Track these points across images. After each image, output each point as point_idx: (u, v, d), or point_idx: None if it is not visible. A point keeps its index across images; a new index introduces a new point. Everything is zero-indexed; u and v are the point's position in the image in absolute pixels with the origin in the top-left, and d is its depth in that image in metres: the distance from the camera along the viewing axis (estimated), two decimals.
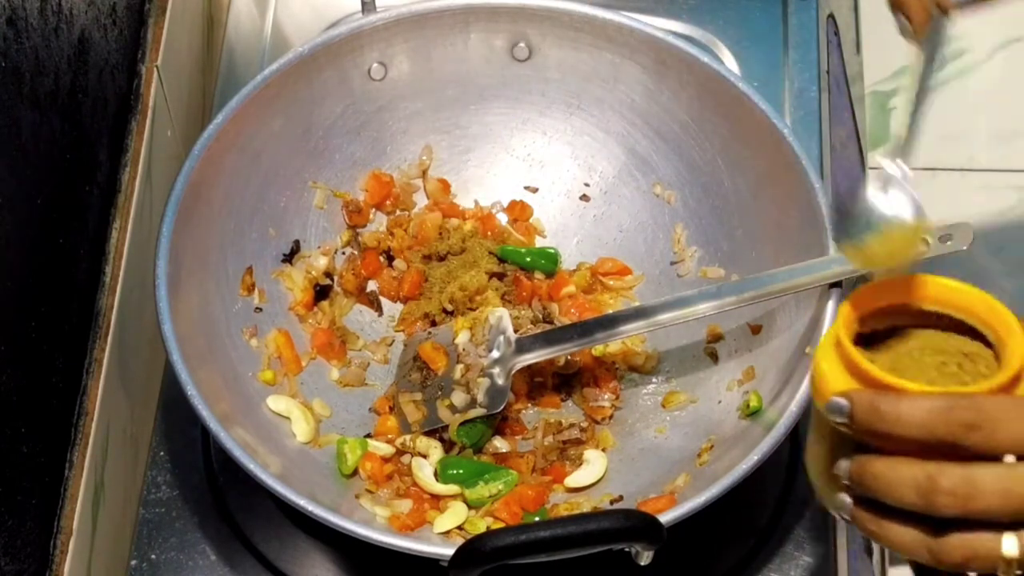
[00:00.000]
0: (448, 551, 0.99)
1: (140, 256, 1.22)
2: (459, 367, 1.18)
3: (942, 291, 0.90)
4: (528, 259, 1.26)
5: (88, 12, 1.18)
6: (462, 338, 1.19)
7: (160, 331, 1.10)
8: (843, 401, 0.83)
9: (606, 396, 1.21)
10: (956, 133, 1.82)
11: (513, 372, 1.17)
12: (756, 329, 1.18)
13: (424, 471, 1.16)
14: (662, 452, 1.17)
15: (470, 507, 1.14)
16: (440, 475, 1.16)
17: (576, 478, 1.16)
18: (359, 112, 1.27)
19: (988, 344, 0.88)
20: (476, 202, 1.29)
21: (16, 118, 1.04)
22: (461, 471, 1.15)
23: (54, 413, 1.12)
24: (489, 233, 1.28)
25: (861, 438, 0.84)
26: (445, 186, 1.29)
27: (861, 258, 0.92)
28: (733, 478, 1.04)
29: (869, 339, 0.90)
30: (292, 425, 1.16)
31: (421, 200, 1.30)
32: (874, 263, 0.93)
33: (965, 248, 1.11)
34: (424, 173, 1.29)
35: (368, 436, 1.18)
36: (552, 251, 1.27)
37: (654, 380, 1.22)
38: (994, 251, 1.74)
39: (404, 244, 1.27)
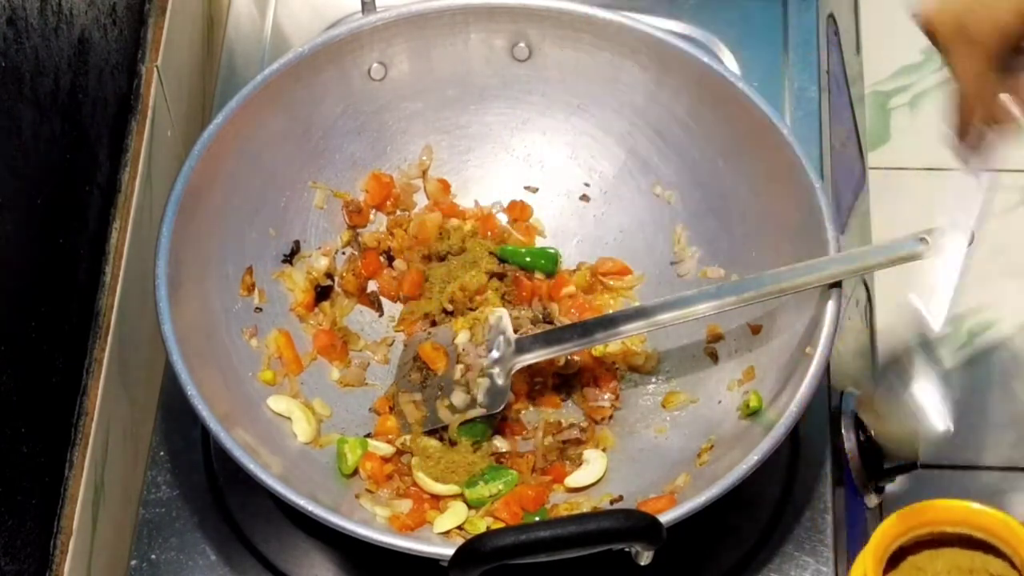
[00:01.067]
0: (448, 551, 0.99)
1: (140, 256, 1.22)
2: (459, 367, 1.18)
3: (966, 514, 0.93)
4: (528, 259, 1.26)
5: (88, 12, 1.18)
6: (462, 338, 1.20)
7: (160, 331, 1.10)
8: None
9: (606, 396, 1.21)
10: None
11: (513, 372, 1.17)
12: (756, 329, 1.18)
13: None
14: (662, 452, 1.17)
15: (470, 507, 1.14)
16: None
17: (576, 478, 1.16)
18: (359, 112, 1.27)
19: (1012, 563, 0.91)
20: (476, 202, 1.29)
21: (16, 118, 1.04)
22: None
23: (54, 413, 1.12)
24: (489, 233, 1.28)
25: None
26: (445, 186, 1.29)
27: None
28: (733, 478, 1.04)
29: (896, 555, 0.92)
30: (293, 425, 1.16)
31: (421, 200, 1.30)
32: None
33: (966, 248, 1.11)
34: (424, 173, 1.29)
35: (368, 436, 1.18)
36: (552, 251, 1.27)
37: (654, 380, 1.22)
38: (994, 251, 1.74)
39: (404, 244, 1.27)
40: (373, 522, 1.11)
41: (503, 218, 1.29)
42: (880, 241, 1.14)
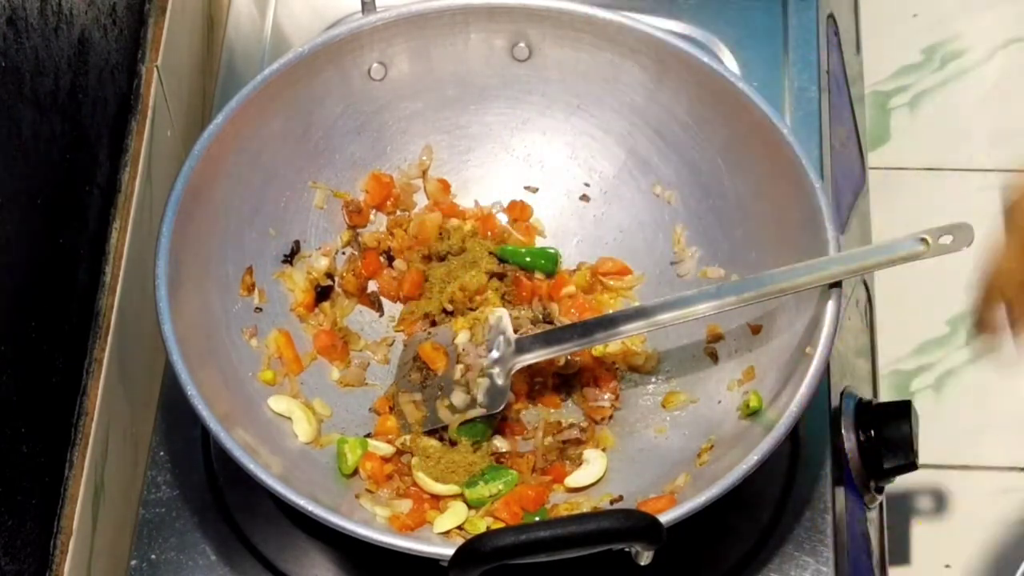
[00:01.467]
0: (448, 551, 0.99)
1: (140, 256, 1.22)
2: (459, 367, 1.18)
3: None
4: (528, 259, 1.26)
5: (88, 12, 1.18)
6: (462, 338, 1.19)
7: (160, 331, 1.10)
8: None
9: (606, 396, 1.21)
10: (956, 133, 1.83)
11: (513, 372, 1.17)
12: (756, 329, 1.18)
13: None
14: (662, 452, 1.17)
15: (470, 507, 1.14)
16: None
17: (576, 478, 1.16)
18: (359, 112, 1.27)
19: None
20: (476, 202, 1.29)
21: (16, 118, 1.04)
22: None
23: (54, 413, 1.12)
24: (489, 233, 1.28)
25: None
26: (445, 186, 1.29)
27: None
28: (733, 478, 1.04)
29: None
30: (293, 425, 1.16)
31: (421, 200, 1.30)
32: None
33: (967, 248, 1.11)
34: (424, 173, 1.29)
35: (368, 436, 1.18)
36: (552, 251, 1.27)
37: (654, 380, 1.22)
38: None
39: (404, 244, 1.27)
40: (373, 522, 1.11)
41: (503, 218, 1.29)
42: (880, 241, 1.14)
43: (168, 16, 1.32)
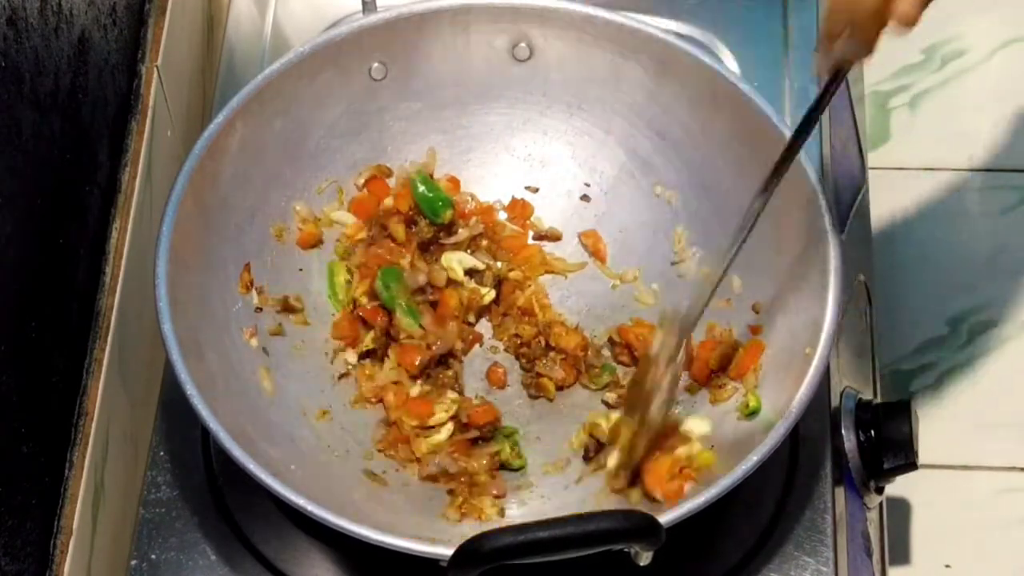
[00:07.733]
0: (448, 551, 0.99)
1: (140, 256, 1.22)
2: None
3: None
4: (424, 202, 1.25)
5: (88, 12, 1.18)
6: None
7: (160, 331, 1.10)
8: None
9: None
10: (956, 133, 1.83)
11: None
12: (756, 329, 1.18)
13: None
14: None
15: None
16: None
17: None
18: (359, 112, 1.27)
19: None
20: (474, 196, 1.29)
21: (16, 118, 1.04)
22: None
23: (54, 413, 1.12)
24: (482, 226, 1.28)
25: None
26: (455, 183, 1.28)
27: None
28: (733, 478, 1.04)
29: None
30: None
31: None
32: None
33: None
34: (430, 174, 1.29)
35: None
36: (448, 199, 1.25)
37: None
38: (994, 251, 1.74)
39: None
40: (374, 516, 1.11)
41: (503, 217, 1.29)
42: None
43: (168, 16, 1.32)
